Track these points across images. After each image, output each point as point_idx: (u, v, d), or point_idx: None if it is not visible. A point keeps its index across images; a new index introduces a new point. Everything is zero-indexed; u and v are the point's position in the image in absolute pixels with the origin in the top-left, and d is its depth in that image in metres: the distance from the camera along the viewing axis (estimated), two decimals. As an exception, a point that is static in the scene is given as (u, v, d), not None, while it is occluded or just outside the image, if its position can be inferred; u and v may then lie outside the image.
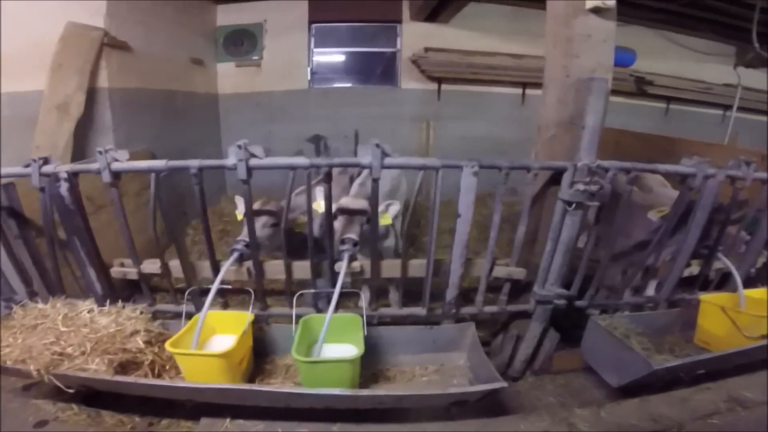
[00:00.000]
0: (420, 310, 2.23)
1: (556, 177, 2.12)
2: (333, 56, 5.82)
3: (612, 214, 2.21)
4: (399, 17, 5.70)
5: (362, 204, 2.24)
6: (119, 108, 3.23)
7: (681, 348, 2.18)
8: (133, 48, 3.43)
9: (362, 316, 1.99)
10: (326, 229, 2.00)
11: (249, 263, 2.12)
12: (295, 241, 2.30)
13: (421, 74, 5.67)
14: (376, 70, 5.84)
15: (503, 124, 6.08)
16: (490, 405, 1.83)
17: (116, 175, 1.89)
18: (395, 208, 2.25)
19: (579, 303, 2.34)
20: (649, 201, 2.58)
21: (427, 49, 5.54)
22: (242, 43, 5.29)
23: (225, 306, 2.24)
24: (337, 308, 2.10)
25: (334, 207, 2.18)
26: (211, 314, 2.04)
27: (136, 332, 1.89)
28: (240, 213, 2.25)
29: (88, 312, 1.99)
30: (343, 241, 2.08)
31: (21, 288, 2.16)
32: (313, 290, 2.11)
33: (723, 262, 2.26)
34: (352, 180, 2.95)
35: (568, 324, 2.40)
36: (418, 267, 2.20)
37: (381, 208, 2.23)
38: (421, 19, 5.64)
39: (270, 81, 5.40)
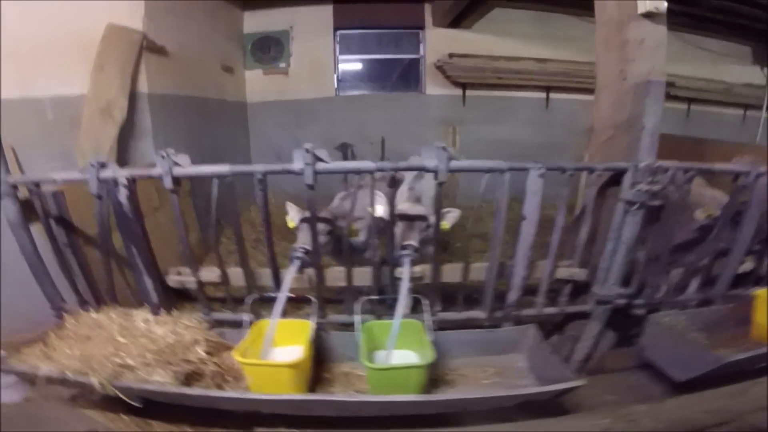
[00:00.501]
0: (480, 314, 2.19)
1: (616, 178, 2.09)
2: (358, 63, 5.81)
3: (666, 214, 2.15)
4: (422, 23, 5.70)
5: (421, 210, 2.18)
6: (158, 113, 3.19)
7: (738, 344, 2.12)
8: (169, 53, 3.41)
9: (427, 322, 1.95)
10: (389, 234, 1.93)
11: (309, 270, 2.05)
12: (347, 248, 2.24)
13: (446, 80, 5.64)
14: (400, 76, 5.82)
15: (528, 128, 6.03)
16: (549, 405, 1.79)
17: (177, 181, 1.84)
18: (454, 215, 2.17)
19: (637, 302, 2.28)
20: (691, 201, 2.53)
21: (451, 55, 5.51)
22: (269, 50, 5.29)
23: (282, 314, 2.17)
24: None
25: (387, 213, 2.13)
26: (266, 322, 1.98)
27: (196, 342, 1.83)
28: (293, 220, 2.19)
29: (144, 322, 1.93)
30: (403, 247, 2.01)
31: (71, 297, 2.10)
32: (377, 296, 2.04)
33: None
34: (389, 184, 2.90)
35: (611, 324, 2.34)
36: (480, 270, 2.13)
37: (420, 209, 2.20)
38: (444, 25, 5.63)
39: (297, 88, 5.39)
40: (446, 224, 2.20)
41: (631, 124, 2.07)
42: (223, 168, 1.80)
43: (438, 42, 5.63)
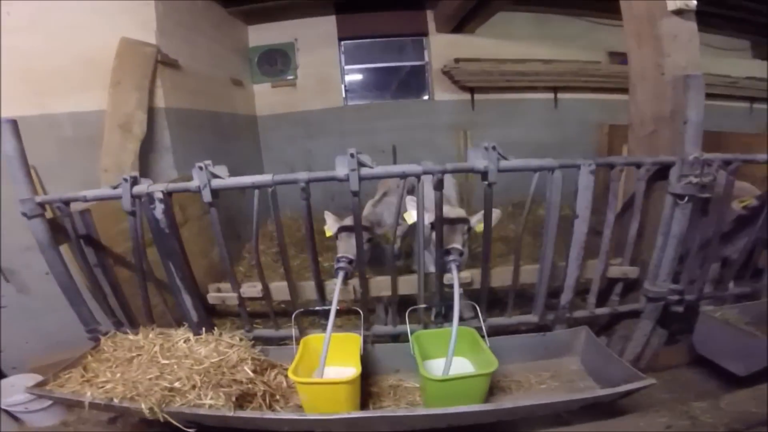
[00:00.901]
0: (531, 318, 2.15)
1: (662, 172, 2.06)
2: (364, 72, 5.79)
3: (713, 206, 2.12)
4: (425, 30, 5.69)
5: (461, 212, 2.11)
6: (176, 128, 3.13)
7: None
8: (182, 66, 3.36)
9: (481, 329, 1.90)
10: (437, 239, 1.87)
11: (353, 281, 1.97)
12: (390, 255, 2.18)
13: (453, 85, 5.62)
14: (407, 83, 5.81)
15: (538, 129, 6.03)
16: (606, 407, 1.75)
17: (215, 194, 1.77)
18: (495, 215, 2.12)
19: (688, 297, 2.22)
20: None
21: (457, 60, 5.51)
22: (276, 62, 5.26)
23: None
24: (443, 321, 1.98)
25: (427, 218, 2.07)
26: (314, 338, 1.90)
27: (242, 360, 1.74)
28: (330, 229, 2.12)
29: (185, 341, 1.84)
30: (447, 252, 1.94)
31: (104, 319, 2.01)
32: (424, 305, 1.96)
33: None
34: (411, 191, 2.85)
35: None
36: (531, 273, 2.08)
37: (476, 217, 2.12)
38: (447, 31, 5.63)
39: (306, 100, 5.35)
40: (482, 226, 2.15)
41: (673, 118, 2.05)
42: (265, 178, 1.74)
43: (443, 48, 5.63)
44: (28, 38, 2.66)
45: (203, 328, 1.90)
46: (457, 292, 1.80)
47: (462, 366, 1.87)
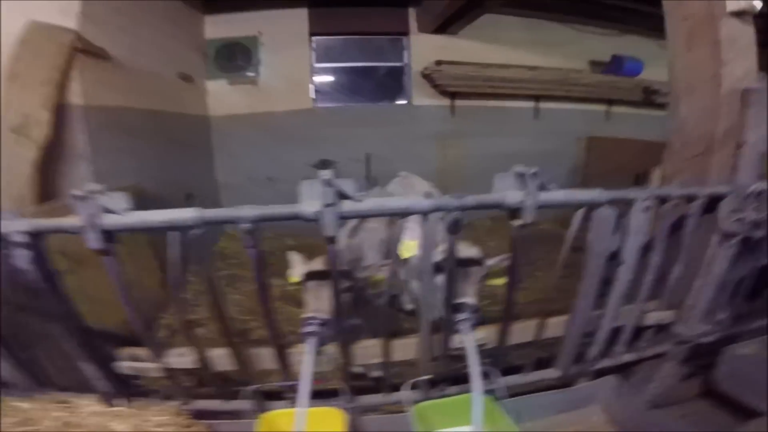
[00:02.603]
0: (553, 373, 1.80)
1: (710, 203, 1.64)
2: (336, 72, 5.22)
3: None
4: (406, 29, 5.24)
5: (477, 252, 1.61)
6: (97, 131, 2.48)
7: None
8: (113, 57, 2.71)
9: (498, 393, 1.56)
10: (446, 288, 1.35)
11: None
12: (370, 308, 1.66)
13: (433, 89, 5.20)
14: (383, 85, 5.31)
15: (521, 139, 5.72)
16: None
17: (110, 236, 1.16)
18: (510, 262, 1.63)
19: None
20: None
21: (439, 62, 5.07)
22: (235, 57, 4.59)
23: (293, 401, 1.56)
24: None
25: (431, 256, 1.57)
26: (280, 415, 1.48)
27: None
28: (297, 275, 1.57)
29: (93, 415, 1.26)
30: (457, 307, 1.43)
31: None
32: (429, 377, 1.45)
33: None
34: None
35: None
36: (557, 326, 1.69)
37: (493, 261, 1.65)
38: (429, 31, 5.21)
39: (269, 100, 4.70)
40: (502, 279, 1.67)
41: (726, 139, 1.65)
42: (186, 214, 1.14)
43: (424, 49, 5.19)
44: None
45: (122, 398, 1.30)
46: (474, 359, 1.29)
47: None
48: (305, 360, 1.27)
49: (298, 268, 1.56)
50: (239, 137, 4.61)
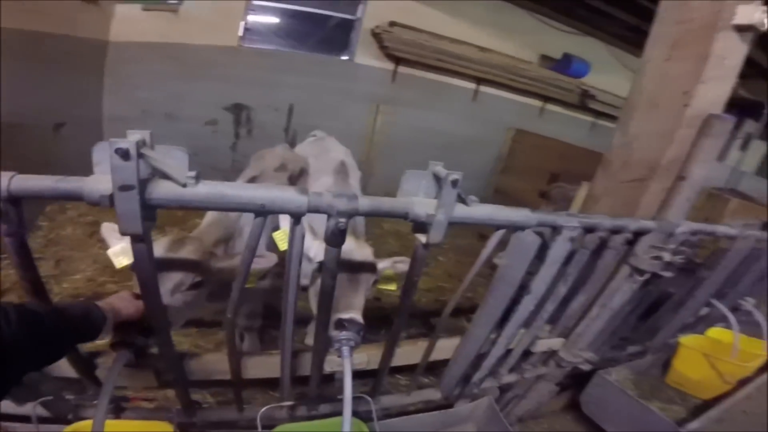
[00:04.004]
0: (434, 393, 1.75)
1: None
2: (278, 13, 4.51)
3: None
4: (368, -20, 4.66)
5: (369, 253, 1.36)
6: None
7: (659, 390, 2.16)
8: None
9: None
10: (322, 297, 1.09)
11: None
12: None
13: (380, 50, 4.76)
14: (328, 38, 4.73)
15: (454, 119, 5.62)
16: None
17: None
18: (404, 266, 1.41)
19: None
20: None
21: (393, 24, 4.64)
22: (159, -18, 3.73)
23: (118, 411, 1.24)
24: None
25: (315, 249, 1.31)
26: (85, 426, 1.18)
27: None
28: (122, 256, 1.18)
29: None
30: (340, 324, 1.18)
31: None
32: (288, 403, 1.20)
33: (719, 308, 2.13)
34: (291, 180, 2.01)
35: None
36: (446, 350, 1.55)
37: (384, 264, 1.41)
38: (392, -12, 4.69)
39: (189, 32, 3.91)
40: (394, 282, 1.45)
41: (670, 168, 1.50)
42: None
43: (381, 7, 4.67)
44: None
45: None
46: (348, 386, 1.05)
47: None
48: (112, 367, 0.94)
49: (123, 247, 1.16)
50: (142, 67, 3.82)
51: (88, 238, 2.74)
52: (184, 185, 0.78)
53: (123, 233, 0.78)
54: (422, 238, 0.98)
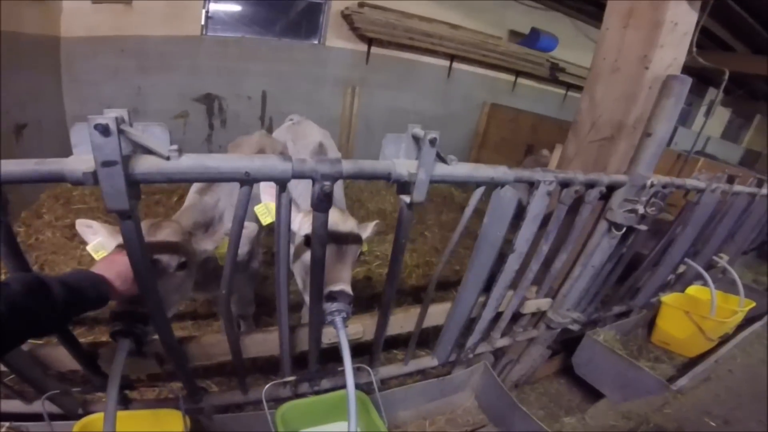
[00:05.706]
0: (431, 361, 1.77)
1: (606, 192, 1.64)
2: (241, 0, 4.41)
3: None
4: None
5: (354, 224, 1.37)
6: None
7: (646, 349, 2.25)
8: None
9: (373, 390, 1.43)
10: (315, 270, 1.10)
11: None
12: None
13: (351, 32, 4.71)
14: (296, 22, 4.64)
15: (430, 97, 5.67)
16: None
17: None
18: (372, 229, 1.45)
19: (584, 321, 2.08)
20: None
21: (362, 4, 4.58)
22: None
23: (126, 402, 1.24)
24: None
25: (298, 222, 1.32)
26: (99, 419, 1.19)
27: None
28: (102, 248, 1.16)
29: None
30: (331, 296, 1.19)
31: None
32: (291, 378, 1.22)
33: (694, 267, 2.26)
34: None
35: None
36: (439, 315, 1.58)
37: (369, 232, 1.43)
38: (359, -33, 4.62)
39: (145, 24, 3.75)
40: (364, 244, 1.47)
41: (636, 127, 1.57)
42: None
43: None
44: None
45: None
46: (347, 359, 1.08)
47: None
48: (112, 371, 0.94)
49: (102, 239, 1.15)
50: (99, 62, 3.64)
51: (68, 240, 2.68)
52: (168, 158, 0.77)
53: (109, 211, 0.77)
54: (406, 198, 1.00)
